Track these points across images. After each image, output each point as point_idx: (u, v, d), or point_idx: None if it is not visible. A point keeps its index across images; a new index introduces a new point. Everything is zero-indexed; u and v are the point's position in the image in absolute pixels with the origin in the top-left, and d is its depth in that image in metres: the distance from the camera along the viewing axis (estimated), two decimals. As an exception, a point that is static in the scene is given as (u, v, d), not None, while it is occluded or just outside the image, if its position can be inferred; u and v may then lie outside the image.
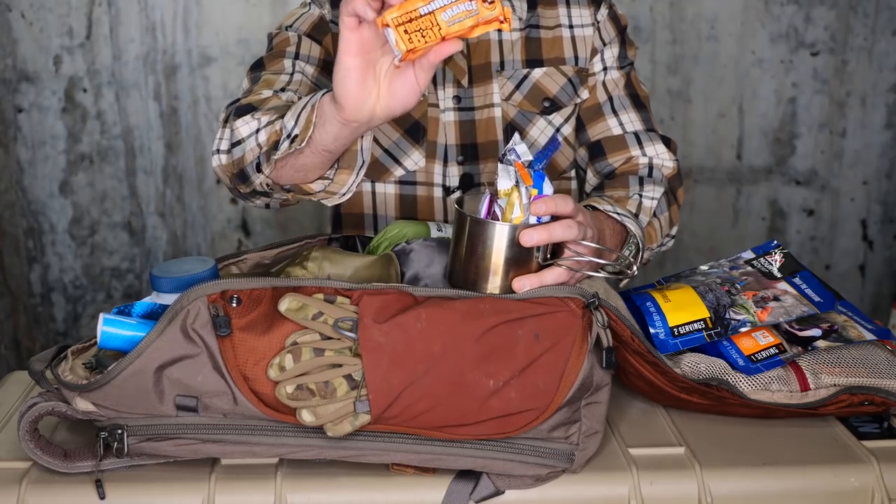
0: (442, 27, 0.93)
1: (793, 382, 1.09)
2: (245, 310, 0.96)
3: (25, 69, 2.45)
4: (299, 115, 1.05)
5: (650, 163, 1.37)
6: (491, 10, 0.94)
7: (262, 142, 1.12)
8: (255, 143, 1.13)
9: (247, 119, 1.15)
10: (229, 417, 0.96)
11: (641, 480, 1.01)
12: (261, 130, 1.13)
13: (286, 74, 1.30)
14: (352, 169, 1.09)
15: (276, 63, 1.33)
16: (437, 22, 0.93)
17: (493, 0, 0.94)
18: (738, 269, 1.21)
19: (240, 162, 1.16)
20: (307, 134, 1.03)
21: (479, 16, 0.94)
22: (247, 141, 1.14)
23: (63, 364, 1.00)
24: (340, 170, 1.09)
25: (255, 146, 1.13)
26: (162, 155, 2.54)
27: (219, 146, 1.20)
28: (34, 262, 2.57)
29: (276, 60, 1.33)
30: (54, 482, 0.99)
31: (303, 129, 1.04)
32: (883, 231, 2.77)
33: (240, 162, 1.16)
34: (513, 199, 1.01)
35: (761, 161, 2.69)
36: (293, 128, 1.06)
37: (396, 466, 1.00)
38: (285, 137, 1.07)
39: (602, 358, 0.99)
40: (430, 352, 0.94)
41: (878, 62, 2.64)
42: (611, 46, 1.42)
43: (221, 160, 1.19)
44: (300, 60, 1.33)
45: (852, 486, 1.02)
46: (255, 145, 1.13)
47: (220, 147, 1.19)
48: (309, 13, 1.39)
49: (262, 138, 1.12)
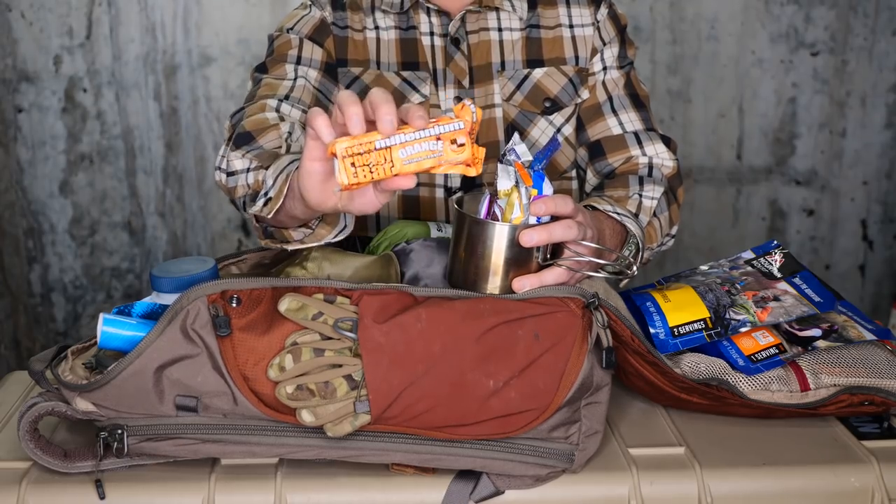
0: (396, 164, 0.88)
1: (793, 382, 1.09)
2: (245, 310, 0.96)
3: (25, 69, 2.45)
4: (278, 176, 1.06)
5: (650, 162, 1.37)
6: (458, 153, 0.90)
7: (251, 183, 1.15)
8: (245, 181, 1.16)
9: (239, 155, 1.18)
10: (229, 417, 0.96)
11: (641, 480, 1.01)
12: (250, 172, 1.16)
13: (289, 80, 1.31)
14: (332, 227, 1.09)
15: (278, 67, 1.34)
16: (392, 159, 0.88)
17: (463, 143, 0.89)
18: (738, 269, 1.21)
19: (233, 192, 1.19)
20: (276, 204, 1.04)
21: (441, 157, 0.89)
22: (239, 176, 1.17)
23: (63, 364, 1.00)
24: (322, 224, 1.09)
25: (244, 184, 1.16)
26: (162, 155, 2.54)
27: (220, 164, 1.22)
28: (34, 262, 2.57)
29: (278, 65, 1.34)
30: (54, 482, 0.99)
31: (275, 196, 1.05)
32: (883, 231, 2.77)
33: (233, 192, 1.19)
34: (513, 199, 1.01)
35: (761, 161, 2.69)
36: (270, 188, 1.07)
37: (396, 466, 1.00)
38: (262, 195, 1.08)
39: (602, 358, 0.99)
40: (430, 352, 0.94)
41: (878, 62, 2.64)
42: (611, 46, 1.42)
43: (221, 178, 1.21)
44: (302, 65, 1.34)
45: (852, 486, 1.02)
46: (245, 184, 1.16)
47: (220, 165, 1.21)
48: (310, 15, 1.39)
49: (251, 180, 1.15)
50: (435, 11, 1.39)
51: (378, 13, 1.39)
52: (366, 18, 1.40)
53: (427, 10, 1.39)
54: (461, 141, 0.90)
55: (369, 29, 1.39)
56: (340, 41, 1.38)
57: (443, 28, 1.39)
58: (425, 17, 1.39)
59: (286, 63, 1.34)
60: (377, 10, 1.40)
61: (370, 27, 1.39)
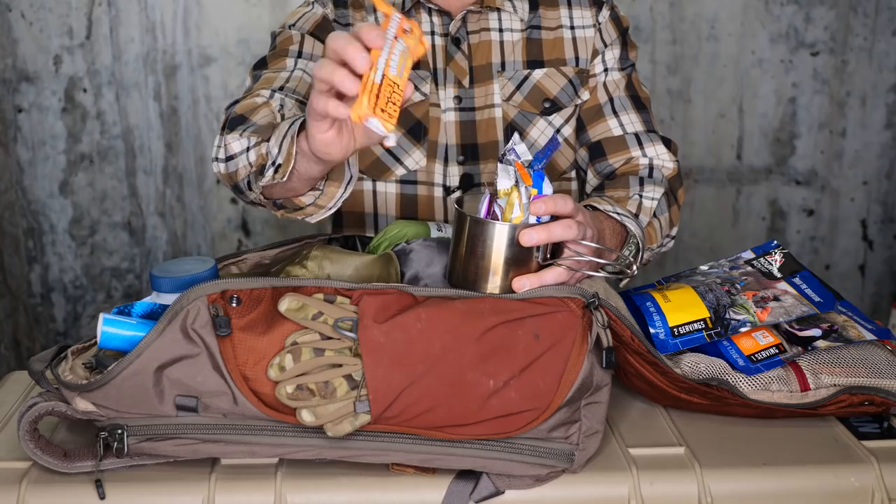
0: (398, 82, 0.91)
1: (793, 382, 1.09)
2: (245, 310, 0.96)
3: (25, 69, 2.45)
4: (282, 142, 1.07)
5: (650, 164, 1.37)
6: (412, 38, 0.93)
7: (252, 161, 1.14)
8: (246, 161, 1.16)
9: (236, 136, 1.17)
10: (229, 417, 0.96)
11: (641, 480, 1.01)
12: (250, 150, 1.15)
13: (287, 72, 1.31)
14: (340, 182, 1.11)
15: (278, 62, 1.34)
16: (392, 80, 0.91)
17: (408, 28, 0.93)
18: (738, 269, 1.21)
19: (234, 176, 1.18)
20: (289, 167, 1.04)
21: (410, 49, 0.93)
22: (238, 158, 1.17)
23: (63, 364, 1.00)
24: (330, 182, 1.11)
25: (246, 164, 1.16)
26: (162, 155, 2.54)
27: (216, 154, 1.21)
28: (34, 262, 2.57)
29: (278, 59, 1.34)
30: (54, 482, 0.99)
31: (284, 161, 1.05)
32: (883, 231, 2.77)
33: (234, 176, 1.18)
34: (512, 198, 1.01)
35: (761, 161, 2.69)
36: (277, 155, 1.07)
37: (396, 466, 1.00)
38: (270, 164, 1.08)
39: (602, 358, 0.99)
40: (430, 352, 0.94)
41: (878, 62, 2.64)
42: (612, 48, 1.42)
43: (220, 168, 1.21)
44: (303, 59, 1.34)
45: (852, 486, 1.02)
46: (247, 163, 1.16)
47: (217, 155, 1.21)
48: (312, 12, 1.40)
49: (252, 158, 1.15)
50: (436, 11, 1.39)
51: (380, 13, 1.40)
52: (368, 16, 1.40)
53: (428, 10, 1.39)
54: (406, 27, 0.94)
55: None
56: None
57: (444, 28, 1.39)
58: (426, 17, 1.39)
59: (287, 57, 1.34)
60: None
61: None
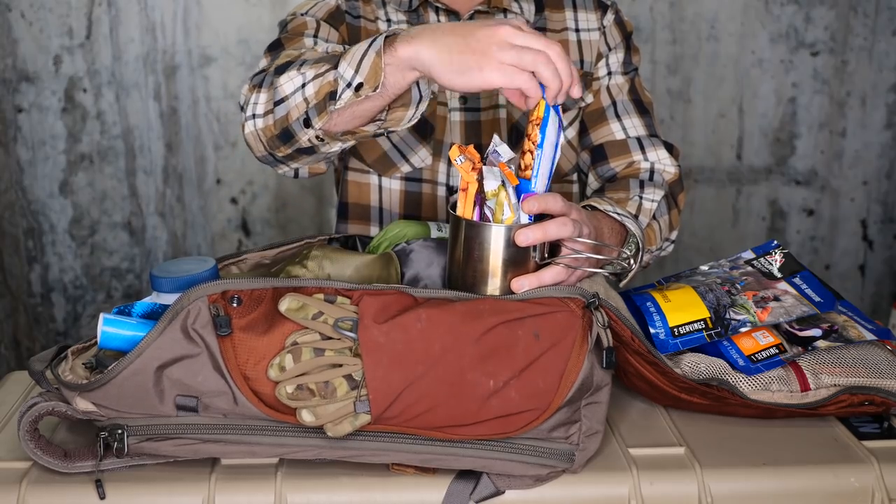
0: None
1: (793, 382, 1.09)
2: (245, 310, 0.96)
3: (25, 69, 2.45)
4: (360, 62, 1.03)
5: (652, 167, 1.37)
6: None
7: (310, 95, 1.09)
8: (302, 97, 1.10)
9: (291, 74, 1.11)
10: (229, 417, 0.96)
11: (641, 480, 1.01)
12: (307, 84, 1.10)
13: (307, 49, 1.28)
14: (407, 106, 1.08)
15: (295, 42, 1.30)
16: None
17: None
18: (738, 269, 1.21)
19: (283, 120, 1.13)
20: (377, 81, 1.01)
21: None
22: (291, 97, 1.11)
23: (63, 364, 1.00)
24: (393, 109, 1.07)
25: (301, 101, 1.10)
26: (162, 155, 2.54)
27: (254, 111, 1.16)
28: (34, 262, 2.57)
29: (295, 39, 1.31)
30: (54, 482, 0.99)
31: (369, 77, 1.02)
32: (883, 231, 2.77)
33: (283, 120, 1.13)
34: (501, 199, 1.01)
35: (761, 161, 2.69)
36: (353, 76, 1.03)
37: (396, 466, 1.00)
38: (345, 87, 1.04)
39: (602, 358, 0.99)
40: (430, 352, 0.94)
41: (878, 62, 2.64)
42: (616, 51, 1.43)
43: (257, 124, 1.16)
44: (320, 40, 1.32)
45: (852, 486, 1.02)
46: (303, 100, 1.10)
47: (255, 112, 1.16)
48: (324, 2, 1.39)
49: (310, 92, 1.09)
50: (444, 11, 1.39)
51: (389, 8, 1.40)
52: (377, 10, 1.40)
53: (436, 10, 1.39)
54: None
55: (382, 20, 1.39)
56: (353, 29, 1.38)
57: None
58: (434, 17, 1.39)
59: (304, 37, 1.31)
60: (387, 4, 1.40)
61: (382, 19, 1.40)
